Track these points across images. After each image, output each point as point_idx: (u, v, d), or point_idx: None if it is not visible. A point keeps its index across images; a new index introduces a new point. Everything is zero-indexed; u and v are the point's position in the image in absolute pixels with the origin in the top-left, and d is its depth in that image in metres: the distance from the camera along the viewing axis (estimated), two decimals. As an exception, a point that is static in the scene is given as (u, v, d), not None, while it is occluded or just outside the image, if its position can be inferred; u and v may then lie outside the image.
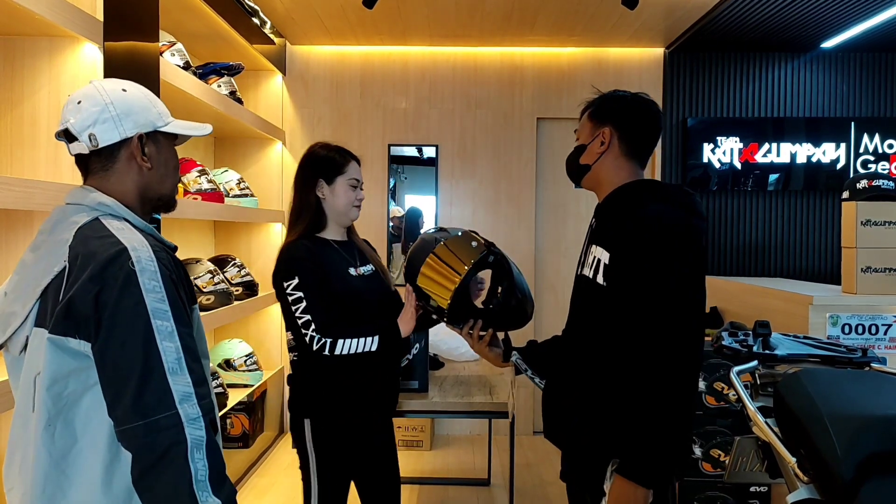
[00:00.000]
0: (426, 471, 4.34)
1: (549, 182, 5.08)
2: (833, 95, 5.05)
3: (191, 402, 1.19)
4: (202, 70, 3.54)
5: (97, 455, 1.21)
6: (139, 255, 1.21)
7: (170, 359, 1.18)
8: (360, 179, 2.24)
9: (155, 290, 1.20)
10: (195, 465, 1.17)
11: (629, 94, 1.78)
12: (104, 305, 1.17)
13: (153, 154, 1.37)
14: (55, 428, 1.21)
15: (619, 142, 1.73)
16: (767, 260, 5.10)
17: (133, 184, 1.35)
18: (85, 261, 1.20)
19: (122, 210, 1.32)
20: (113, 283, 1.18)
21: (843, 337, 3.07)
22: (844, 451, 1.48)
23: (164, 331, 1.19)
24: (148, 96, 1.39)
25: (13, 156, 2.09)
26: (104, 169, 1.34)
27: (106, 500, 1.22)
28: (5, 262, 2.06)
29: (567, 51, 4.96)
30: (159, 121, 1.37)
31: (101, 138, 1.30)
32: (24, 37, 2.09)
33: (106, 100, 1.31)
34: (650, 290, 1.54)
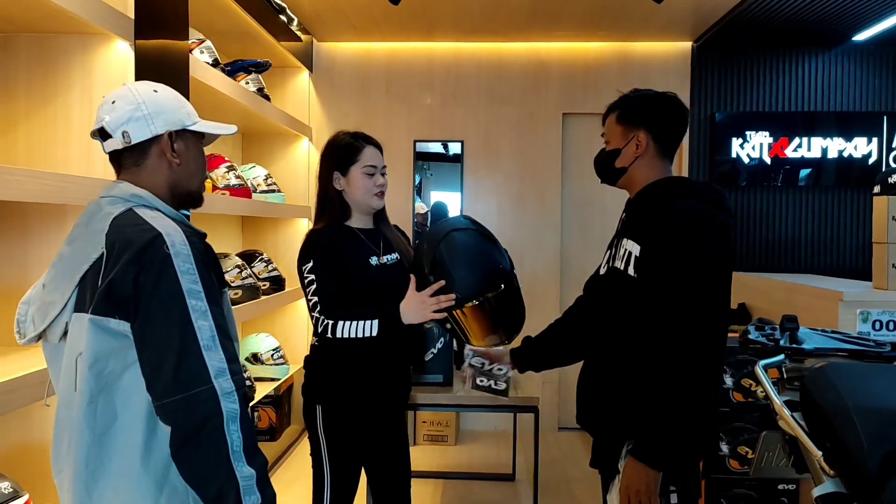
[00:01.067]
0: (451, 465, 4.36)
1: (575, 177, 5.06)
2: (865, 89, 4.96)
3: (225, 376, 1.24)
4: (230, 67, 3.58)
5: (137, 430, 1.27)
6: (173, 239, 1.27)
7: (205, 336, 1.24)
8: (377, 165, 2.22)
9: (189, 272, 1.26)
10: (231, 436, 1.22)
11: (656, 94, 1.82)
12: (142, 287, 1.24)
13: (182, 151, 1.44)
14: (97, 405, 1.27)
15: (654, 143, 1.79)
16: (797, 256, 5.03)
17: (163, 179, 1.43)
18: (122, 247, 1.26)
19: (155, 200, 1.39)
20: (150, 266, 1.24)
21: (874, 333, 3.02)
22: (871, 445, 1.46)
23: (199, 310, 1.25)
24: (178, 97, 1.47)
25: (47, 151, 2.14)
26: (136, 164, 1.41)
27: (145, 473, 1.28)
28: (38, 254, 2.11)
29: (593, 45, 4.93)
30: (188, 120, 1.45)
31: (134, 135, 1.38)
32: (57, 34, 2.14)
33: (138, 99, 1.39)
34: (672, 283, 1.59)
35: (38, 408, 2.10)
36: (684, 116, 1.82)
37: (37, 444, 2.13)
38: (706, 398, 1.63)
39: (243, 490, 1.22)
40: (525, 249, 4.96)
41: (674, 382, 1.58)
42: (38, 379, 1.76)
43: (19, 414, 2.10)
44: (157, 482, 1.28)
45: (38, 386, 1.76)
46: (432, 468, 4.28)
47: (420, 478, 4.14)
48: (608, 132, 1.87)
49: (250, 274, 3.58)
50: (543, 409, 4.89)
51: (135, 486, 1.27)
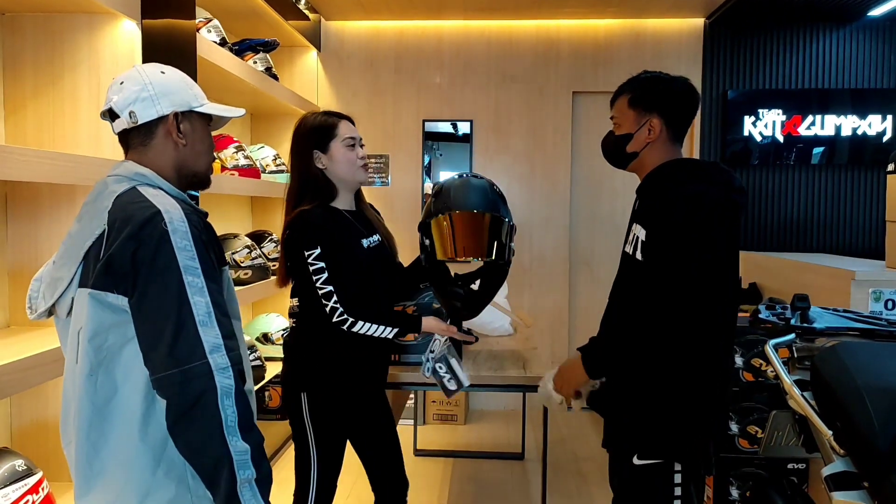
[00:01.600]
0: (460, 444, 4.39)
1: (584, 157, 5.03)
2: (880, 66, 4.88)
3: (220, 352, 1.26)
4: (238, 47, 3.57)
5: (135, 403, 1.30)
6: (171, 216, 1.29)
7: (200, 312, 1.26)
8: (355, 137, 2.17)
9: (186, 248, 1.28)
10: (225, 411, 1.24)
11: (670, 78, 1.80)
12: (140, 263, 1.26)
13: (188, 132, 1.46)
14: (97, 377, 1.30)
15: (667, 128, 1.78)
16: (810, 236, 4.99)
17: (170, 159, 1.44)
18: (123, 223, 1.28)
19: (158, 179, 1.41)
20: (148, 241, 1.26)
21: (887, 312, 3.00)
22: (881, 424, 1.46)
23: (195, 286, 1.27)
24: (185, 79, 1.48)
25: (55, 131, 2.14)
26: (143, 144, 1.43)
27: (143, 446, 1.30)
28: (49, 234, 2.12)
29: (604, 22, 4.87)
30: (195, 101, 1.46)
31: (141, 115, 1.40)
32: (64, 14, 2.14)
33: (145, 80, 1.41)
34: (675, 270, 1.60)
35: (51, 386, 2.12)
36: (696, 101, 1.82)
37: (51, 423, 2.16)
38: (701, 384, 1.69)
39: (237, 464, 1.24)
40: (534, 229, 4.94)
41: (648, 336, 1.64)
42: (52, 357, 1.78)
43: (33, 392, 2.13)
44: (154, 455, 1.31)
45: (51, 364, 1.78)
46: (442, 447, 4.31)
47: (430, 457, 4.17)
48: (618, 115, 1.85)
49: (260, 254, 3.59)
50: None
51: (133, 458, 1.30)
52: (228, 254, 3.38)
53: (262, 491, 1.29)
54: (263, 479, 1.30)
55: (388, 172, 5.02)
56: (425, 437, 4.43)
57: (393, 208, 4.97)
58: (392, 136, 5.01)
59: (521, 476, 3.88)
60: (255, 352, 3.62)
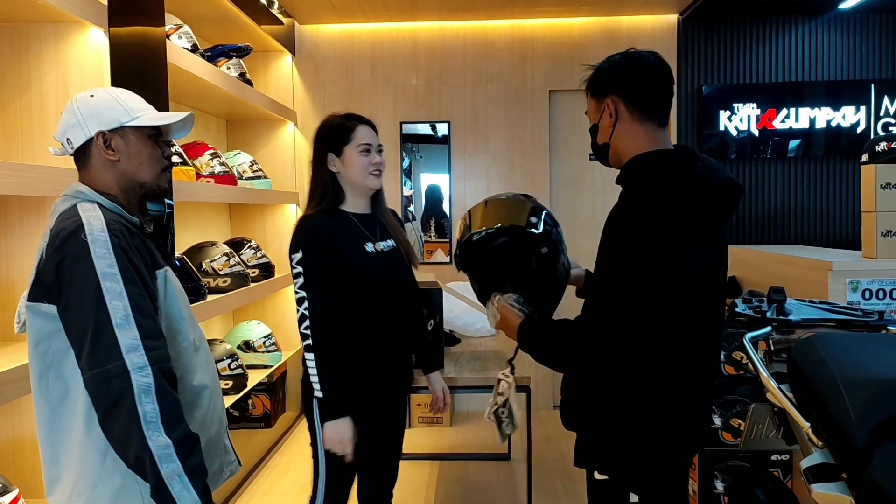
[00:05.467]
0: (446, 447, 4.37)
1: (563, 155, 5.04)
2: (852, 57, 4.93)
3: (138, 352, 1.34)
4: (211, 53, 3.54)
5: (80, 402, 1.39)
6: (92, 228, 1.37)
7: (118, 315, 1.34)
8: (372, 143, 2.17)
9: (104, 256, 1.35)
10: (143, 407, 1.31)
11: (619, 55, 1.64)
12: (63, 273, 1.35)
13: (121, 147, 1.52)
14: (47, 380, 1.41)
15: (627, 107, 1.59)
16: (788, 228, 5.04)
17: (109, 176, 1.52)
18: (52, 238, 1.39)
19: (93, 195, 1.48)
20: (70, 252, 1.35)
21: (864, 302, 3.02)
22: (858, 416, 1.47)
23: (113, 291, 1.34)
24: (116, 97, 1.54)
25: (23, 142, 2.11)
26: (84, 166, 1.52)
27: (89, 441, 1.40)
28: (19, 246, 2.08)
29: (578, 21, 4.89)
30: (124, 117, 1.52)
31: (74, 140, 1.50)
32: (29, 23, 2.10)
33: (74, 106, 1.51)
34: (635, 273, 1.45)
35: (26, 402, 2.08)
36: (655, 68, 1.60)
37: (27, 439, 2.12)
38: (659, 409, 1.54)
39: (159, 458, 1.31)
40: (515, 229, 4.93)
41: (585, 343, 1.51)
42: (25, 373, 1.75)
43: (7, 409, 2.09)
44: (100, 450, 1.39)
45: (25, 380, 1.75)
46: (428, 450, 4.29)
47: (416, 460, 4.15)
48: (588, 110, 1.72)
49: (239, 261, 3.56)
50: (538, 388, 4.91)
51: (84, 451, 1.40)
52: (206, 262, 3.35)
53: (193, 483, 1.34)
54: (194, 472, 1.35)
55: (366, 176, 4.99)
56: (411, 441, 4.41)
57: (373, 211, 4.95)
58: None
59: (508, 476, 3.88)
60: (237, 360, 3.59)
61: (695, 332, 1.42)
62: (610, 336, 1.46)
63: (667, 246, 1.41)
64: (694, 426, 1.59)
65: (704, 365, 1.58)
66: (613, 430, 1.57)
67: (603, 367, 1.52)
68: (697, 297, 1.42)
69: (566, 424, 1.71)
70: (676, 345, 1.42)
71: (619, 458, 1.58)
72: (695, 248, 1.44)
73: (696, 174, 1.53)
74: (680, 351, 1.44)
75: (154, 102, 2.43)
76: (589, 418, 1.63)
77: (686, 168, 1.54)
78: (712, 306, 1.54)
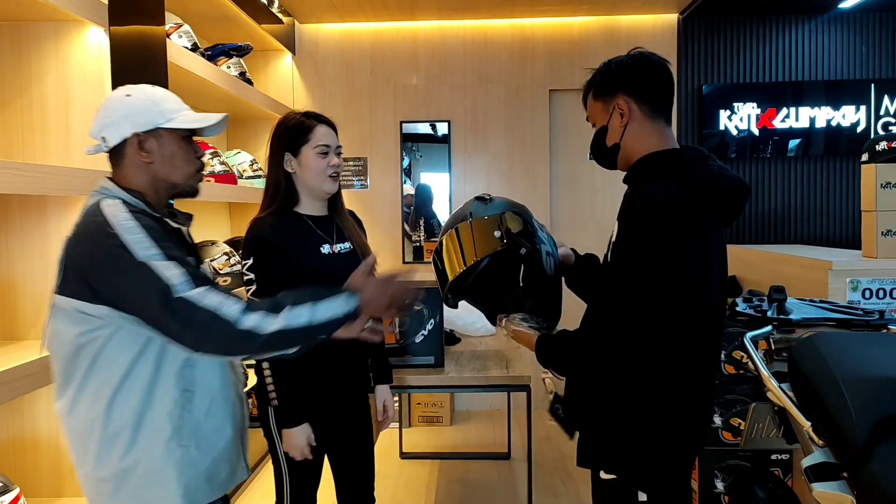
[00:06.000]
0: (446, 446, 4.38)
1: (563, 154, 5.04)
2: (852, 57, 4.94)
3: (191, 283, 1.37)
4: (211, 52, 3.53)
5: (140, 384, 1.45)
6: (117, 219, 1.40)
7: (177, 281, 1.36)
8: (330, 145, 2.09)
9: (139, 240, 1.37)
10: (226, 312, 1.37)
11: (623, 56, 1.66)
12: (103, 269, 1.37)
13: (154, 149, 1.53)
14: (96, 371, 1.43)
15: (639, 106, 1.60)
16: (788, 227, 5.04)
17: (142, 175, 1.54)
18: (77, 237, 1.42)
19: (118, 191, 1.50)
20: (103, 245, 1.37)
21: (864, 302, 3.03)
22: (859, 414, 1.47)
23: (163, 264, 1.36)
24: (151, 98, 1.54)
25: (24, 141, 2.10)
26: (117, 164, 1.54)
27: (150, 422, 1.46)
28: (20, 245, 2.08)
29: (578, 20, 4.89)
30: (160, 118, 1.53)
31: (109, 140, 1.51)
32: (29, 22, 2.10)
33: (110, 105, 1.52)
34: (629, 271, 1.47)
35: (27, 401, 2.09)
36: (661, 67, 1.62)
37: (27, 438, 2.12)
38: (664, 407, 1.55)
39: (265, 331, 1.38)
40: (515, 228, 4.93)
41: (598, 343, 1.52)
42: (25, 372, 1.75)
43: (8, 407, 2.09)
44: (163, 435, 1.48)
45: (26, 378, 1.75)
46: (428, 449, 4.30)
47: (416, 459, 4.16)
48: (590, 112, 1.71)
49: (239, 261, 3.56)
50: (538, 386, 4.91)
51: (145, 433, 1.47)
52: (207, 261, 3.35)
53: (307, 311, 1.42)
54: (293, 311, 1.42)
55: (366, 175, 5.00)
56: (411, 440, 4.42)
57: (372, 211, 4.96)
58: (369, 138, 4.99)
59: (508, 475, 3.88)
60: (237, 359, 3.59)
61: (694, 333, 1.43)
62: (615, 339, 1.47)
63: (669, 246, 1.43)
64: (698, 423, 1.60)
65: (708, 363, 1.59)
66: (620, 429, 1.57)
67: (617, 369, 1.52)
68: (697, 298, 1.43)
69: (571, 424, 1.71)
70: (676, 345, 1.43)
71: (626, 456, 1.58)
72: (697, 248, 1.45)
73: (709, 173, 1.54)
74: (680, 350, 1.44)
75: (154, 101, 2.44)
76: (594, 417, 1.63)
77: (698, 168, 1.55)
78: (714, 307, 1.54)
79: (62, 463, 2.12)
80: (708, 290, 1.48)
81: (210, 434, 1.53)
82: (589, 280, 1.91)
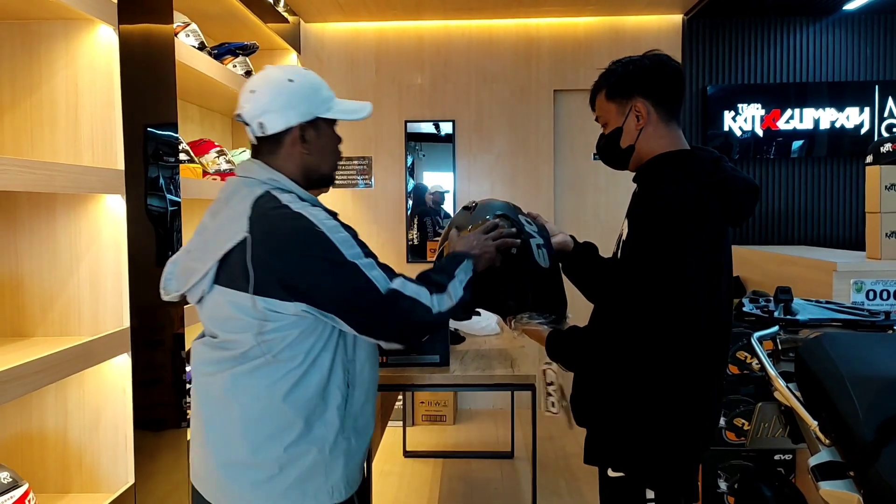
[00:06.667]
0: (450, 444, 4.38)
1: (567, 155, 5.05)
2: (856, 58, 4.94)
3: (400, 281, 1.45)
4: (217, 51, 3.54)
5: (315, 381, 1.46)
6: (319, 217, 1.40)
7: (380, 282, 1.40)
8: None
9: (344, 240, 1.39)
10: (427, 300, 1.45)
11: (638, 57, 1.65)
12: (312, 269, 1.37)
13: (313, 139, 1.52)
14: (269, 368, 1.43)
15: (655, 109, 1.62)
16: (791, 228, 5.04)
17: (297, 165, 1.52)
18: (270, 234, 1.38)
19: (289, 183, 1.49)
20: (312, 249, 1.37)
21: (868, 303, 3.03)
22: (865, 414, 1.47)
23: (367, 263, 1.40)
24: (312, 86, 1.52)
25: (33, 139, 2.11)
26: (271, 152, 1.51)
27: (327, 422, 1.48)
28: (29, 244, 2.09)
29: (583, 20, 4.89)
30: (321, 108, 1.52)
31: (269, 126, 1.48)
32: (40, 20, 2.11)
33: (274, 90, 1.48)
34: (641, 270, 1.48)
35: (35, 397, 2.09)
36: (675, 69, 1.63)
37: (35, 434, 2.13)
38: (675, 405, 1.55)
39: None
40: (519, 228, 4.95)
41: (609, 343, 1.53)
42: (35, 368, 1.76)
43: (16, 404, 2.10)
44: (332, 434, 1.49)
45: (35, 375, 1.76)
46: (431, 448, 4.31)
47: (419, 458, 4.16)
48: (601, 113, 1.71)
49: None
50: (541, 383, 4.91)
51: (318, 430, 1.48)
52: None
53: None
54: None
55: (371, 174, 5.01)
56: (414, 438, 4.42)
57: (377, 210, 4.97)
58: (374, 137, 5.00)
59: (511, 475, 3.89)
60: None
61: (694, 332, 1.45)
62: (620, 336, 1.49)
63: (674, 245, 1.44)
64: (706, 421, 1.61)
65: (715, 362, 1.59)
66: (628, 427, 1.58)
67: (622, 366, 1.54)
68: (698, 298, 1.45)
69: (578, 421, 1.71)
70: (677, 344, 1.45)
71: (634, 454, 1.58)
72: (701, 248, 1.47)
73: (722, 174, 1.55)
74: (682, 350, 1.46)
75: (162, 100, 2.45)
76: (602, 415, 1.64)
77: (711, 168, 1.56)
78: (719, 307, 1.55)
79: (69, 459, 2.13)
80: (711, 291, 1.50)
81: (364, 427, 1.55)
82: (585, 268, 1.94)
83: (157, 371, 2.30)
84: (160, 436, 2.31)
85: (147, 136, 2.28)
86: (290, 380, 1.43)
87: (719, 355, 1.62)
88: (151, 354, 2.25)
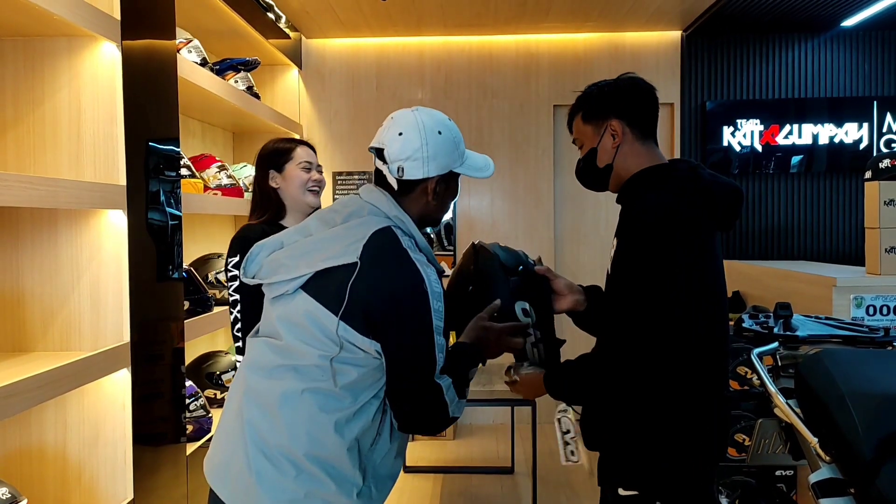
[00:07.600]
0: (450, 460, 4.37)
1: (567, 169, 5.06)
2: (854, 74, 4.97)
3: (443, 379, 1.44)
4: (219, 66, 3.56)
5: (363, 419, 1.45)
6: (430, 280, 1.41)
7: (439, 358, 1.42)
8: (312, 162, 2.31)
9: (438, 310, 1.41)
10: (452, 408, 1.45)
11: (612, 80, 1.71)
12: (400, 319, 1.39)
13: (441, 192, 1.55)
14: (332, 392, 1.42)
15: (630, 128, 1.65)
16: (790, 243, 5.05)
17: (418, 210, 1.55)
18: (379, 272, 1.40)
19: (413, 228, 1.51)
20: (410, 302, 1.39)
21: (868, 318, 3.03)
22: (865, 430, 1.47)
23: (440, 344, 1.41)
24: (455, 139, 1.56)
25: (36, 155, 2.12)
26: (402, 194, 1.53)
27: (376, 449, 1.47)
28: (31, 259, 2.10)
29: (582, 36, 4.93)
30: (456, 163, 1.56)
31: (408, 173, 1.50)
32: (43, 37, 2.12)
33: (422, 140, 1.50)
34: (632, 283, 1.50)
35: (34, 413, 2.09)
36: (649, 90, 1.68)
37: (35, 450, 2.13)
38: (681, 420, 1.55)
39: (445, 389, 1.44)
40: (518, 243, 4.95)
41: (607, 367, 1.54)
42: (36, 384, 1.75)
43: (16, 420, 2.10)
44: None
45: (36, 390, 1.75)
46: (431, 463, 4.29)
47: (419, 473, 4.15)
48: (578, 135, 1.76)
49: (244, 273, 3.57)
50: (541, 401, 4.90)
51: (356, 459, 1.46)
52: (212, 274, 3.36)
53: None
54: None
55: (371, 189, 5.02)
56: (414, 454, 4.41)
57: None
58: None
59: (512, 490, 3.87)
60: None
61: (685, 344, 1.47)
62: (611, 357, 1.51)
63: (662, 257, 1.46)
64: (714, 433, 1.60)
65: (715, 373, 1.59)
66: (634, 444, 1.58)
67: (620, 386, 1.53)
68: (688, 309, 1.47)
69: (589, 445, 1.71)
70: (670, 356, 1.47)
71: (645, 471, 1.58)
72: (691, 258, 1.49)
73: (702, 182, 1.58)
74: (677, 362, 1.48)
75: (164, 116, 2.47)
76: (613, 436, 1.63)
77: (690, 178, 1.59)
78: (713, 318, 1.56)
79: (69, 474, 2.12)
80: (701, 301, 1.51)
81: (387, 478, 1.53)
82: (600, 321, 1.86)
83: (157, 386, 2.30)
84: (160, 451, 2.30)
85: (149, 151, 2.29)
86: (346, 412, 1.41)
87: (720, 365, 1.62)
88: (151, 369, 2.25)
